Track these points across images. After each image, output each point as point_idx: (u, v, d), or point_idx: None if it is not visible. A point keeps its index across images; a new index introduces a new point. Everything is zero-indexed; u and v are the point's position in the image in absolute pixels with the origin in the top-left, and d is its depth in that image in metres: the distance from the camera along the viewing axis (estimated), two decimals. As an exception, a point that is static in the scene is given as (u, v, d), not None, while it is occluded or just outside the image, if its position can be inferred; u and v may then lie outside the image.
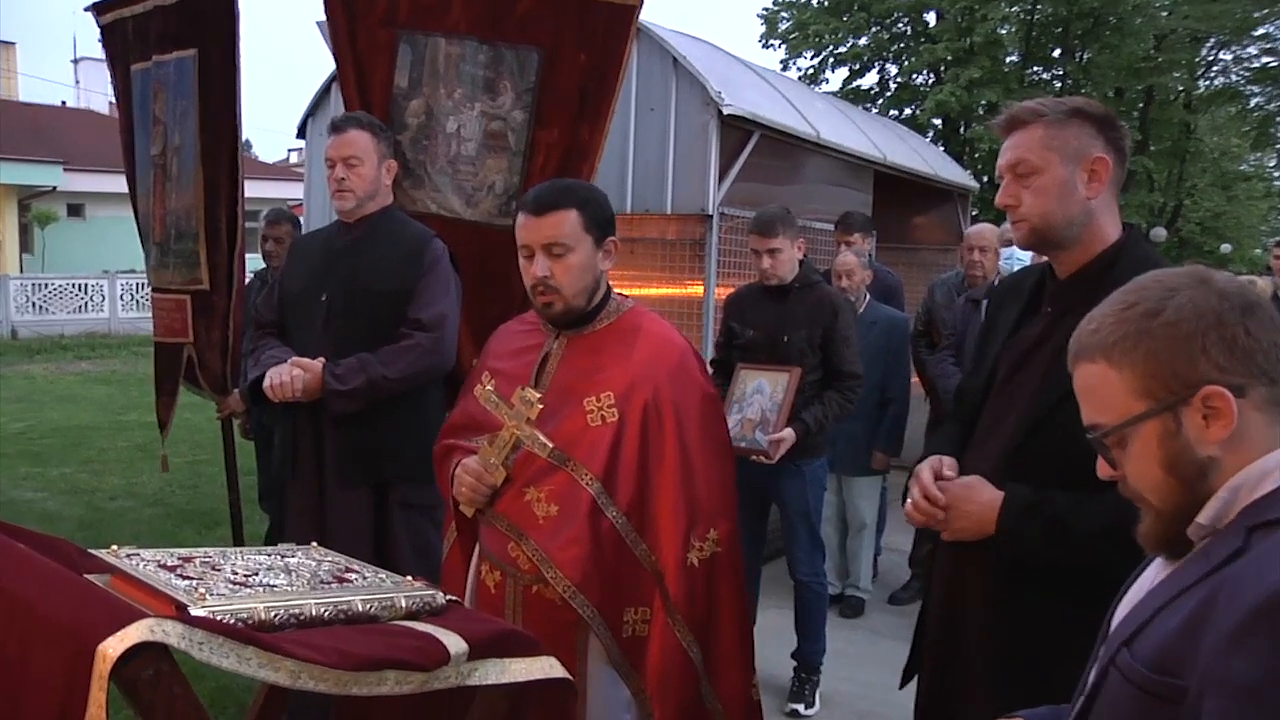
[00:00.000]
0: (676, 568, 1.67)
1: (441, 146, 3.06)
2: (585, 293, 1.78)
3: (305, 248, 2.80)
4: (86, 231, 24.22)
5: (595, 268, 1.78)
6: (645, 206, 4.62)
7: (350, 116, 2.67)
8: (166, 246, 3.73)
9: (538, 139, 2.94)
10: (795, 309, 3.40)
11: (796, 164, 5.29)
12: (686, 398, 1.74)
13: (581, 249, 1.75)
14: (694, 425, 1.73)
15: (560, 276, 1.75)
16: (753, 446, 3.25)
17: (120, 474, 6.75)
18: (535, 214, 1.74)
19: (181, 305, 3.70)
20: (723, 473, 1.76)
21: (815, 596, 3.49)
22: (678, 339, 1.81)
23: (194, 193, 3.53)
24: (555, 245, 1.74)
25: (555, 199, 1.75)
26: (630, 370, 1.74)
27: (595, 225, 1.77)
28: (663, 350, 1.77)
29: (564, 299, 1.76)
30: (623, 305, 1.85)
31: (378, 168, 2.65)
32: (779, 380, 3.31)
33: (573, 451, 1.70)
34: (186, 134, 3.52)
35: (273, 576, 1.32)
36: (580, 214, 1.74)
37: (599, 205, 1.79)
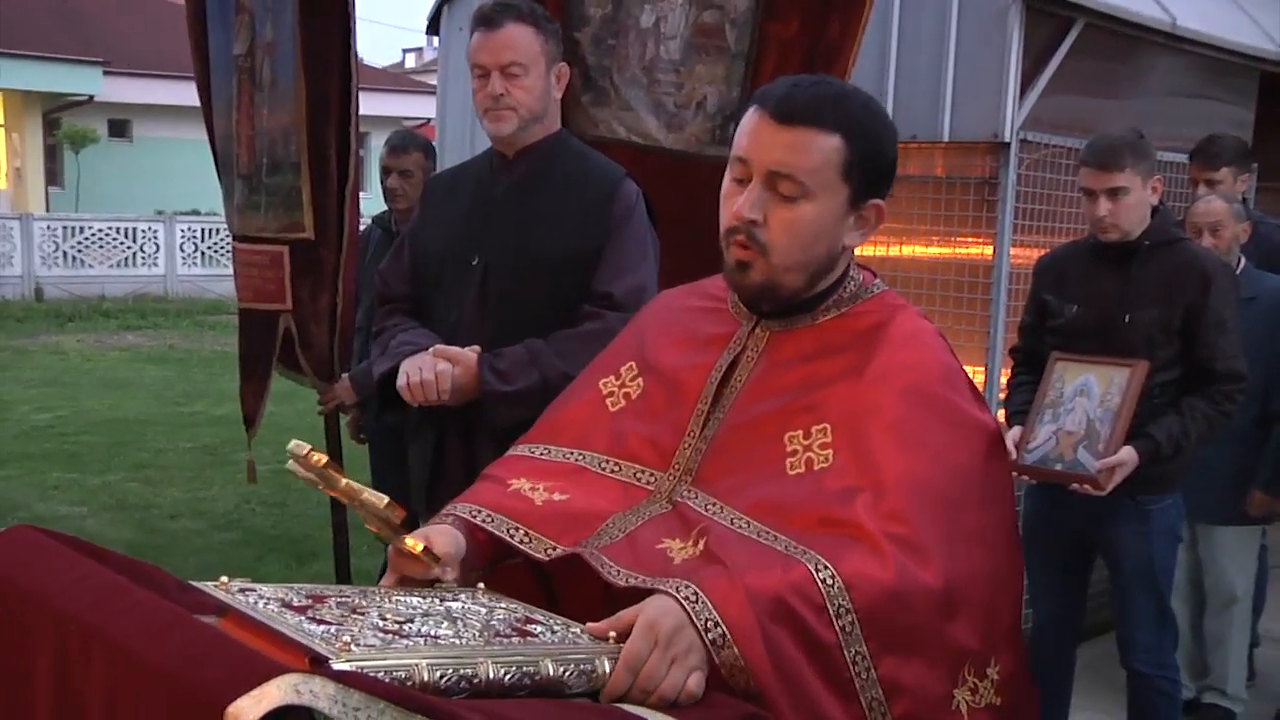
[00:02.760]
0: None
1: (634, 47, 3.20)
2: (807, 266, 1.75)
3: (447, 191, 2.96)
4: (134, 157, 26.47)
5: (836, 235, 1.75)
6: (911, 132, 4.62)
7: (505, 4, 2.79)
8: (256, 180, 4.04)
9: (767, 35, 3.03)
10: (1144, 277, 3.38)
11: (1139, 67, 5.14)
12: (952, 442, 1.68)
13: (824, 200, 1.71)
14: (968, 489, 1.67)
15: (776, 231, 1.72)
16: (1072, 470, 3.25)
17: (183, 485, 7.39)
18: (778, 120, 1.71)
19: (278, 260, 4.00)
20: (1005, 567, 1.70)
21: (1161, 698, 3.46)
22: (941, 351, 1.77)
23: (295, 107, 3.81)
24: (782, 178, 1.71)
25: (813, 111, 1.70)
26: (862, 389, 1.69)
27: (859, 171, 1.72)
28: (916, 361, 1.73)
29: (769, 267, 1.73)
30: (867, 289, 1.82)
31: (546, 76, 2.79)
32: (1115, 378, 3.29)
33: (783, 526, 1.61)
34: (283, 26, 3.80)
35: (433, 625, 1.38)
36: (845, 146, 1.70)
37: (876, 142, 1.74)
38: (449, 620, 1.43)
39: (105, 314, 16.65)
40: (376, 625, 1.35)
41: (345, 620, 1.34)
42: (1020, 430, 3.41)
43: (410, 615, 1.42)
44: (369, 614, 1.39)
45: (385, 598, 1.50)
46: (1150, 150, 3.42)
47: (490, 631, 1.41)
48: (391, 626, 1.35)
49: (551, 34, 2.81)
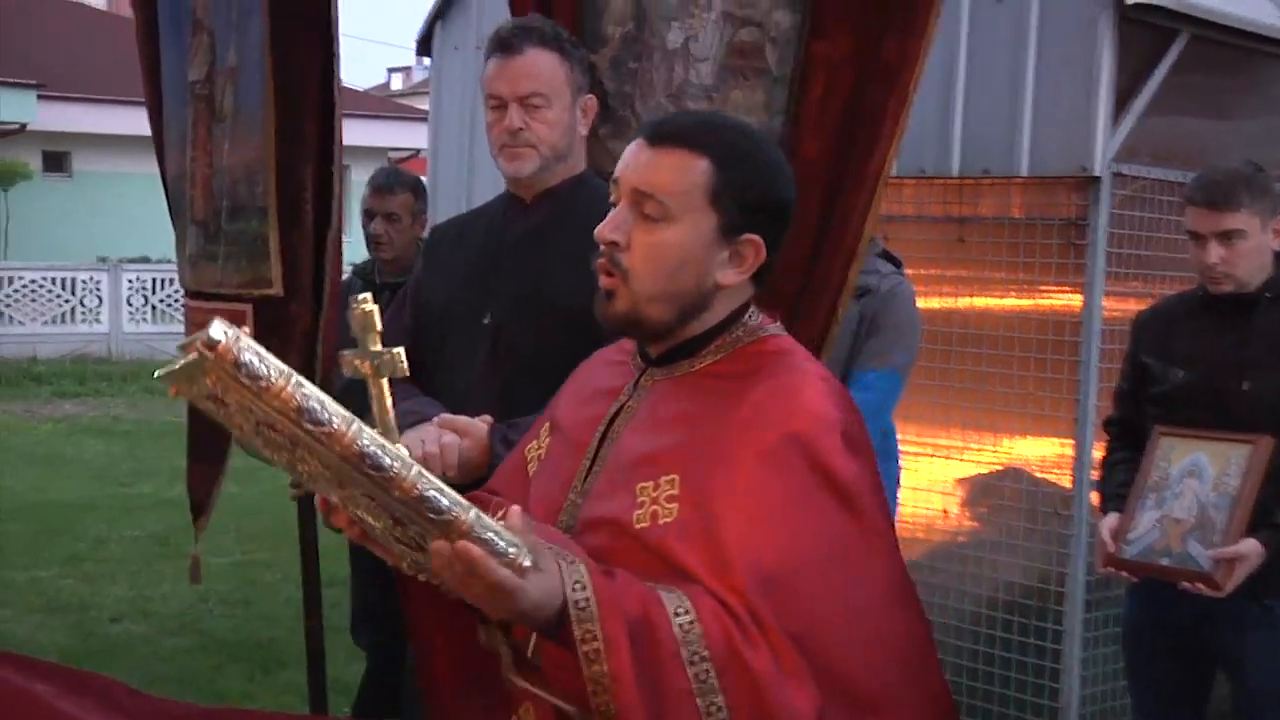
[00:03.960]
0: None
1: (659, 71, 3.24)
2: (672, 297, 1.95)
3: (454, 240, 3.02)
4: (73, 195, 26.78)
5: (705, 267, 1.95)
6: (982, 165, 4.65)
7: (526, 27, 2.87)
8: (214, 228, 4.08)
9: (814, 55, 3.06)
10: (1265, 336, 3.39)
11: (1256, 85, 5.13)
12: (805, 517, 1.82)
13: (688, 224, 1.93)
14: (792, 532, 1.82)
15: (637, 254, 1.95)
16: (1181, 566, 3.24)
17: (126, 581, 7.39)
18: (649, 141, 1.97)
19: (239, 319, 3.99)
20: (883, 627, 1.87)
21: None
22: (816, 399, 1.89)
23: (262, 141, 3.84)
24: (646, 198, 1.94)
25: (685, 132, 1.97)
26: (717, 439, 1.87)
27: (729, 198, 1.94)
28: (780, 414, 1.86)
29: (631, 294, 1.96)
30: (755, 333, 2.01)
31: (570, 109, 2.85)
32: (1232, 456, 3.28)
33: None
34: (249, 46, 3.84)
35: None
36: (712, 169, 1.93)
37: (753, 170, 1.96)
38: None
39: (37, 379, 16.73)
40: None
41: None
42: (1118, 518, 3.39)
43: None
44: None
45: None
46: (1270, 185, 3.42)
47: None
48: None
49: (578, 61, 2.88)
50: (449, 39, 6.03)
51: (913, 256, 4.45)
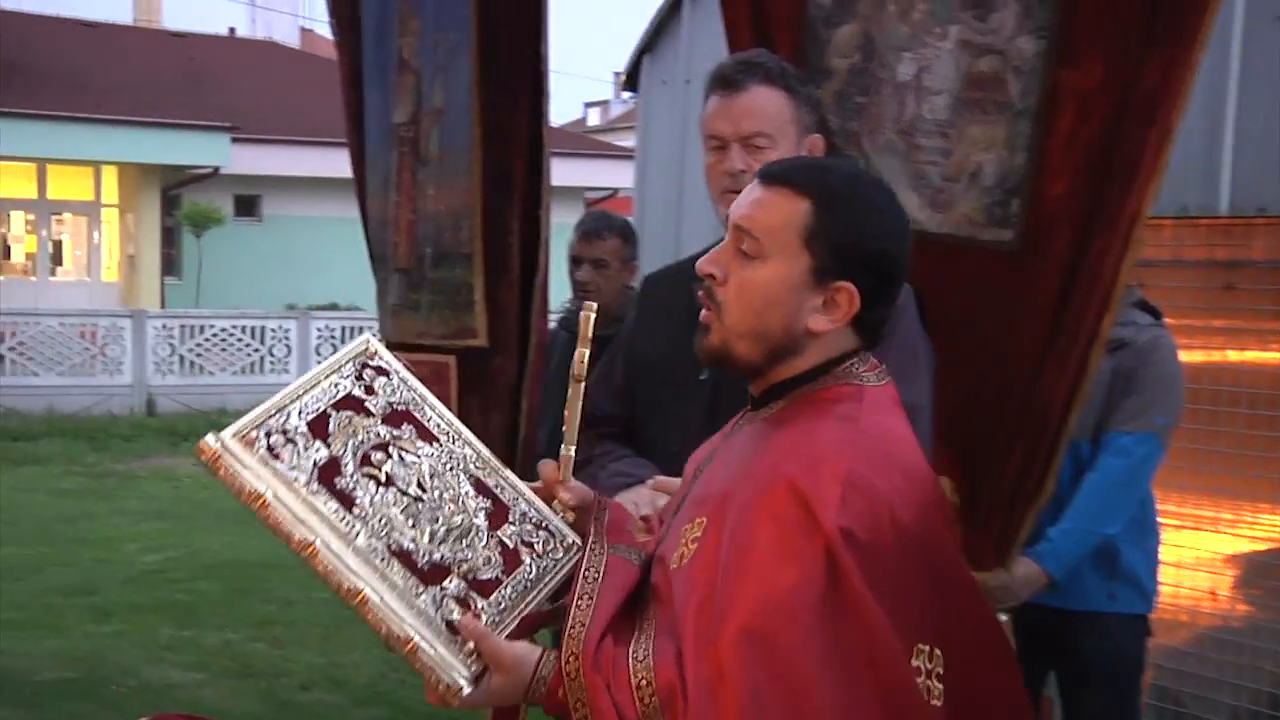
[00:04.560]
0: None
1: (888, 106, 3.24)
2: (760, 336, 2.07)
3: (668, 290, 3.05)
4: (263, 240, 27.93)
5: (795, 309, 2.05)
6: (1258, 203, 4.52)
7: (750, 62, 2.89)
8: (418, 275, 4.22)
9: (1062, 85, 3.03)
10: None
11: None
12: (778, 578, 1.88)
13: (780, 264, 2.05)
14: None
15: (731, 290, 2.09)
16: None
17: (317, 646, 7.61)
18: (760, 180, 2.12)
19: (442, 372, 4.16)
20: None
21: None
22: (828, 444, 1.97)
23: (468, 185, 3.98)
24: (744, 234, 2.07)
25: (791, 172, 2.11)
26: (743, 483, 2.00)
27: (825, 241, 2.03)
28: (793, 455, 1.97)
29: (723, 330, 2.10)
30: (844, 375, 2.10)
31: (796, 150, 2.85)
32: None
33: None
34: (456, 88, 3.98)
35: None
36: (812, 210, 2.03)
37: (852, 215, 2.04)
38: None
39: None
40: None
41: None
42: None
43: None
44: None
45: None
46: None
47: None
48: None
49: (805, 99, 2.89)
50: (657, 73, 6.12)
51: (1172, 305, 4.33)
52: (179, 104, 26.34)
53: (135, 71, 27.08)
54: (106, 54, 27.45)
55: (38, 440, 16.09)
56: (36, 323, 19.48)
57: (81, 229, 29.09)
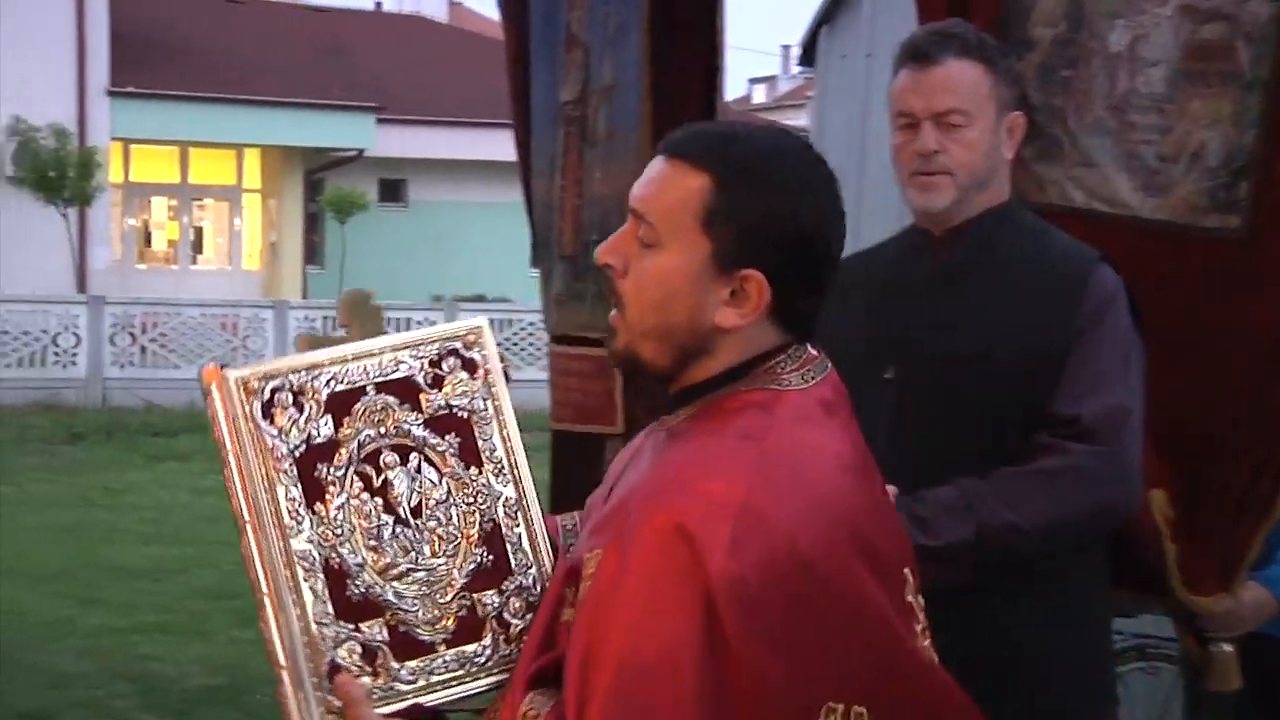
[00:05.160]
0: None
1: (1098, 80, 3.17)
2: (663, 336, 1.90)
3: (849, 281, 2.96)
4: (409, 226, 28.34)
5: (698, 303, 1.88)
6: None
7: (945, 33, 2.84)
8: (583, 263, 4.22)
9: (1303, 52, 2.94)
10: None
11: None
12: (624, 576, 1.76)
13: (675, 252, 1.87)
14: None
15: (629, 283, 1.90)
16: None
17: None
18: (661, 152, 1.94)
19: (605, 369, 4.13)
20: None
21: None
22: (723, 473, 1.79)
23: (636, 167, 3.81)
24: (640, 219, 1.90)
25: (690, 143, 1.91)
26: (634, 509, 1.82)
27: (728, 225, 1.85)
28: (682, 483, 1.80)
29: (627, 328, 1.92)
30: (762, 378, 1.91)
31: (995, 129, 2.81)
32: None
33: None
34: (626, 63, 3.98)
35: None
36: (712, 188, 1.85)
37: (762, 194, 1.85)
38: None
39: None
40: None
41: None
42: None
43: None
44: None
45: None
46: None
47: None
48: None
49: (1005, 73, 2.84)
50: (835, 47, 6.09)
51: None
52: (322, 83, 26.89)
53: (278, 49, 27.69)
54: (249, 31, 28.15)
55: (178, 435, 16.41)
56: (178, 313, 20.04)
57: (223, 215, 29.89)
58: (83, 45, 25.08)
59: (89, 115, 25.15)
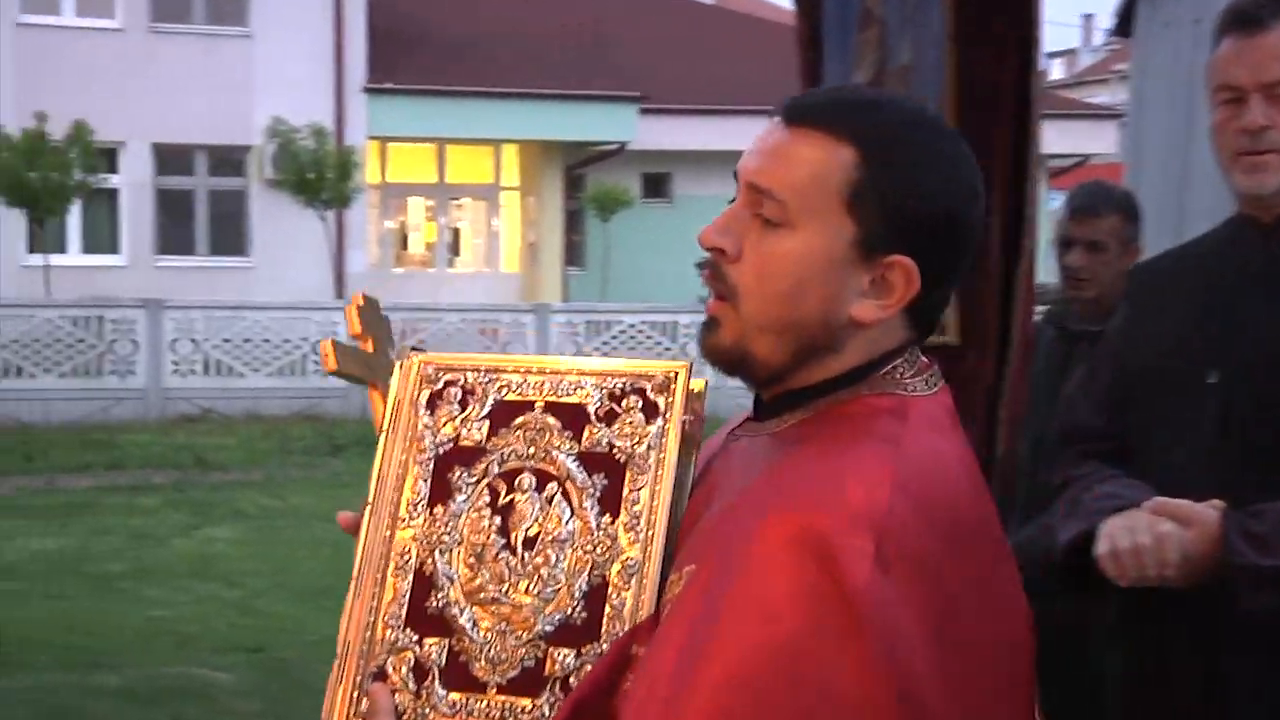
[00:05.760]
0: None
1: None
2: (787, 328, 1.77)
3: (1167, 280, 2.96)
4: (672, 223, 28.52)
5: (834, 292, 1.76)
6: None
7: None
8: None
9: None
10: None
11: None
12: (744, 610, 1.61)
13: (813, 233, 1.75)
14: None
15: (749, 268, 1.77)
16: None
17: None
18: (784, 120, 1.82)
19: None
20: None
21: None
22: (862, 478, 1.65)
23: None
24: (762, 195, 1.77)
25: (825, 111, 1.79)
26: (738, 521, 1.68)
27: (876, 204, 1.75)
28: (810, 487, 1.66)
29: (739, 322, 1.78)
30: (885, 382, 1.79)
31: None
32: None
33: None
34: (926, 43, 3.93)
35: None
36: (859, 163, 1.74)
37: (914, 171, 1.75)
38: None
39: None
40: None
41: None
42: None
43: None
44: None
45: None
46: None
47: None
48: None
49: None
50: (1157, 13, 5.87)
51: None
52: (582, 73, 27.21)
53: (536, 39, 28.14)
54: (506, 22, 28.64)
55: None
56: (437, 319, 20.54)
57: (480, 215, 30.50)
58: (340, 42, 25.93)
59: (346, 114, 25.99)
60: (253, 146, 25.81)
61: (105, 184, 25.13)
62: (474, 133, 27.36)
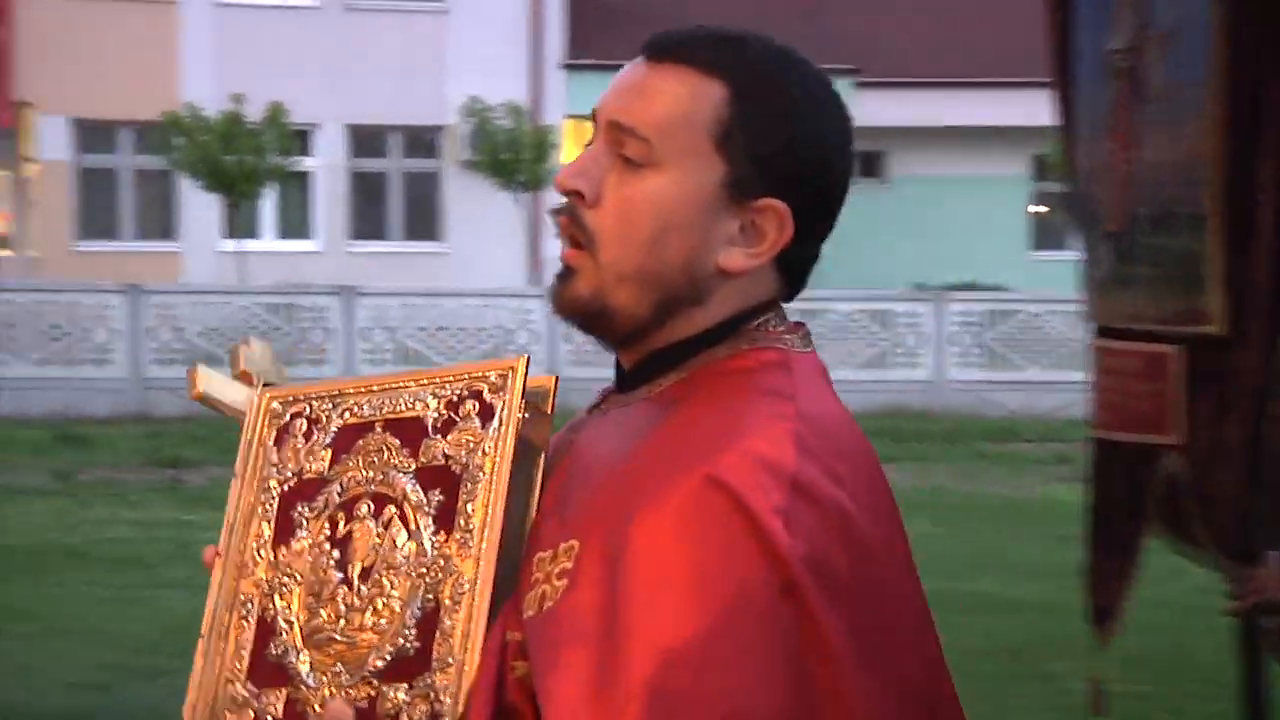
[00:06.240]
0: None
1: None
2: (648, 278, 1.72)
3: None
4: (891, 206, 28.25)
5: (701, 238, 1.72)
6: None
7: None
8: (1130, 241, 4.11)
9: None
10: None
11: None
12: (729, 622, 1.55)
13: (680, 173, 1.71)
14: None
15: (609, 212, 1.73)
16: None
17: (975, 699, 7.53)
18: (647, 56, 1.77)
19: (1159, 365, 4.02)
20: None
21: None
22: (764, 431, 1.62)
23: (1202, 129, 3.81)
24: (625, 133, 1.72)
25: (693, 45, 1.76)
26: (629, 486, 1.63)
27: (747, 141, 1.71)
28: (707, 440, 1.62)
29: (597, 271, 1.73)
30: (761, 336, 1.76)
31: None
32: None
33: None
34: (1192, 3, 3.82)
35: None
36: (729, 99, 1.71)
37: (786, 108, 1.72)
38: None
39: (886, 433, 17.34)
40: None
41: None
42: None
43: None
44: None
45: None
46: None
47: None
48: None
49: None
50: None
51: None
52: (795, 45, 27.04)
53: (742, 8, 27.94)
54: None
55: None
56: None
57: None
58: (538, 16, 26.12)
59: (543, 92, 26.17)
60: (446, 126, 26.13)
61: (299, 166, 25.63)
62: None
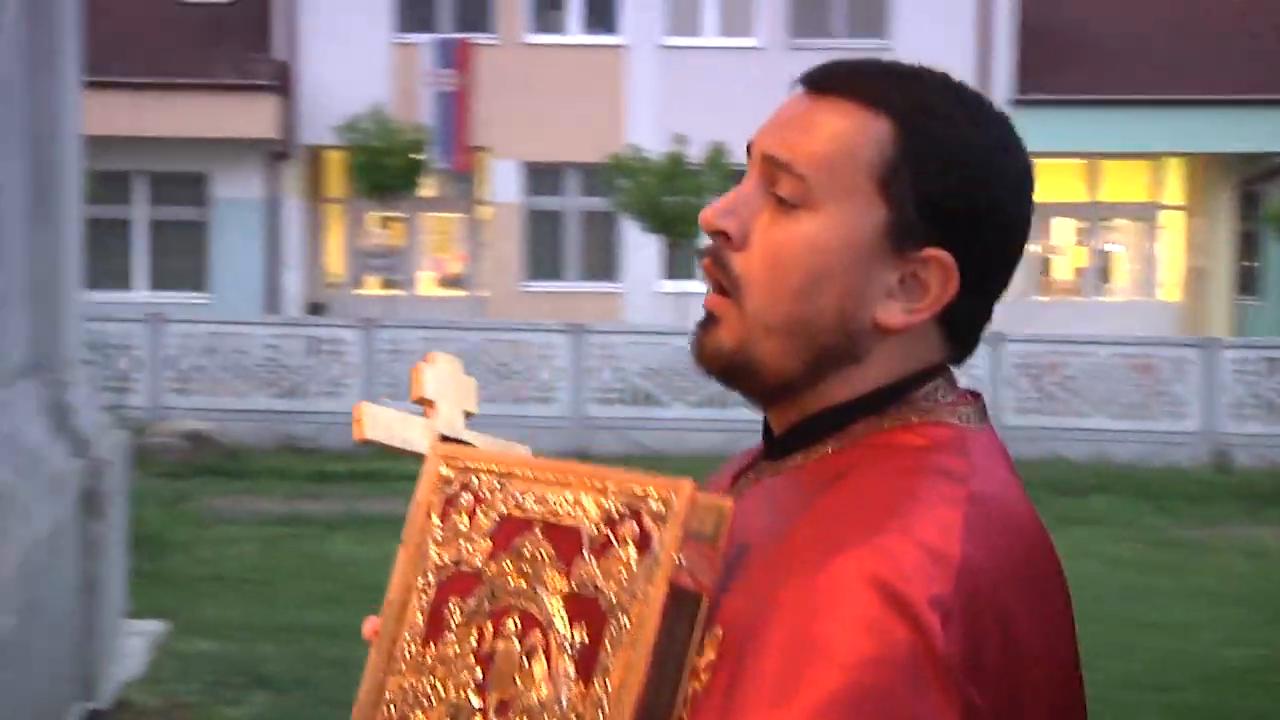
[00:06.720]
0: None
1: None
2: (798, 330, 1.59)
3: None
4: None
5: (859, 288, 1.59)
6: None
7: None
8: None
9: None
10: None
11: None
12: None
13: (838, 216, 1.58)
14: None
15: (757, 256, 1.60)
16: None
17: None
18: (807, 87, 1.65)
19: None
20: None
21: None
22: (932, 517, 1.47)
23: None
24: (779, 169, 1.60)
25: (857, 78, 1.63)
26: (775, 568, 1.49)
27: (914, 184, 1.58)
28: (865, 527, 1.47)
29: (742, 321, 1.61)
30: (928, 407, 1.61)
31: None
32: None
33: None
34: None
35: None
36: (896, 138, 1.58)
37: (959, 150, 1.59)
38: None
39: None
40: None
41: None
42: None
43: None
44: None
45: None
46: None
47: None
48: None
49: None
50: None
51: None
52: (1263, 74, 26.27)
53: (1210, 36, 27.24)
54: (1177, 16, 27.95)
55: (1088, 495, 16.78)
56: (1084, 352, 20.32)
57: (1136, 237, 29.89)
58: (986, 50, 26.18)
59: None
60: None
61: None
62: (1131, 146, 26.93)
